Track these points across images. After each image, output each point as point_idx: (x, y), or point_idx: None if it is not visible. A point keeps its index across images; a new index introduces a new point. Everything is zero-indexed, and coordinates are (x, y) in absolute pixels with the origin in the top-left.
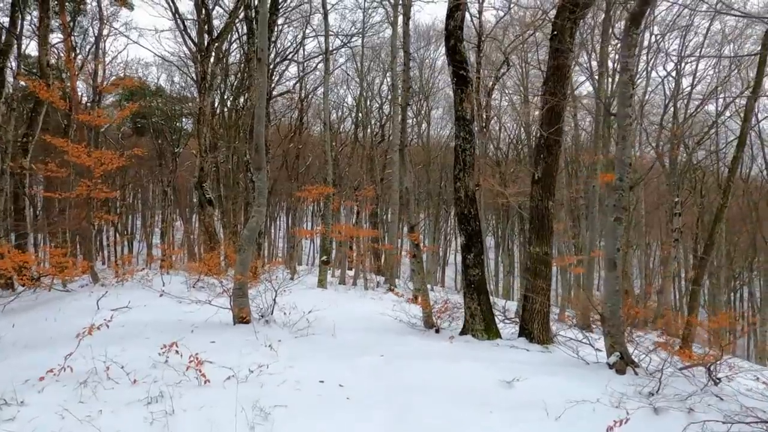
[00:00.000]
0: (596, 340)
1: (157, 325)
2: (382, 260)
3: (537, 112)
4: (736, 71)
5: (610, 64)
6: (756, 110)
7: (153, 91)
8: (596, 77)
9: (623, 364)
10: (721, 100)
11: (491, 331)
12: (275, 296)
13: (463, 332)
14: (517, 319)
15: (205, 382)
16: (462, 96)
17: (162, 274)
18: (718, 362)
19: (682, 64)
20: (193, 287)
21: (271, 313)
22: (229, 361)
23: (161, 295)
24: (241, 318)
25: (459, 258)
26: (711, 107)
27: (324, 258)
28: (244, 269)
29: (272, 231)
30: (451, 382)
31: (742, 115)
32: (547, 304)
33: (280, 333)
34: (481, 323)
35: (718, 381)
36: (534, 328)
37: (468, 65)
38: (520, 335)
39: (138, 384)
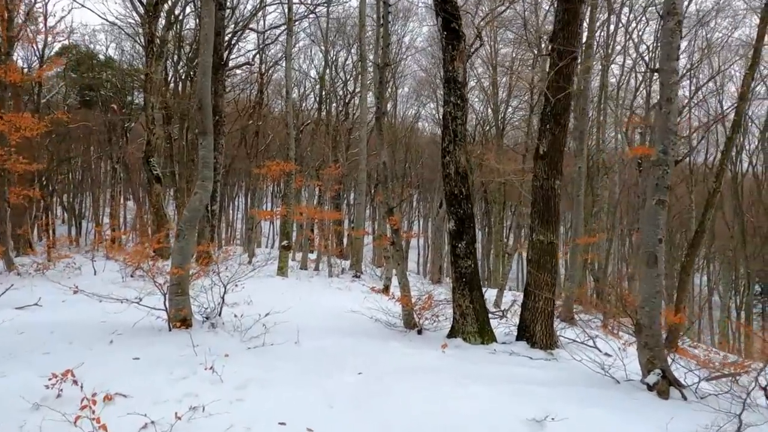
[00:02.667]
0: (592, 338)
1: (68, 332)
2: (345, 244)
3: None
4: (706, 57)
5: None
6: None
7: (102, 62)
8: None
9: (666, 384)
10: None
11: (485, 334)
12: (224, 293)
13: (451, 334)
14: (500, 313)
15: None
16: (453, 54)
17: (105, 259)
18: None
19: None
20: (131, 276)
21: (219, 315)
22: (152, 394)
23: (75, 293)
24: (180, 322)
25: (421, 242)
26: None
27: (285, 243)
28: (183, 260)
29: (230, 212)
30: (462, 420)
31: (715, 99)
32: (552, 302)
33: (228, 343)
34: (473, 324)
35: None
36: (536, 331)
37: (460, 18)
38: (519, 338)
39: None
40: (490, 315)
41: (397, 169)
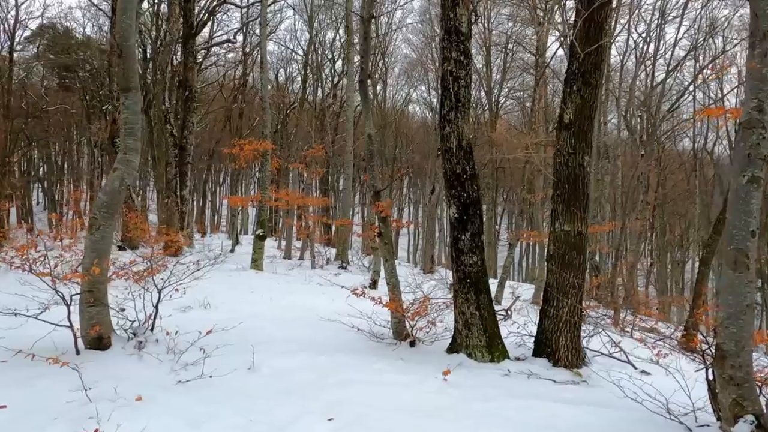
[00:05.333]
0: (621, 348)
1: None
2: (333, 231)
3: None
4: (709, 36)
5: None
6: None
7: (80, 41)
8: None
9: None
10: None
11: (495, 349)
12: (158, 300)
13: (452, 348)
14: (503, 312)
15: None
16: None
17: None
18: None
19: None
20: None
21: (151, 329)
22: None
23: None
24: (95, 340)
25: (411, 228)
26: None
27: (259, 232)
28: (98, 257)
29: (217, 198)
30: None
31: (715, 82)
32: (579, 310)
33: (152, 373)
34: (480, 336)
35: None
36: (559, 345)
37: None
38: (536, 353)
39: None
40: None
41: (387, 154)
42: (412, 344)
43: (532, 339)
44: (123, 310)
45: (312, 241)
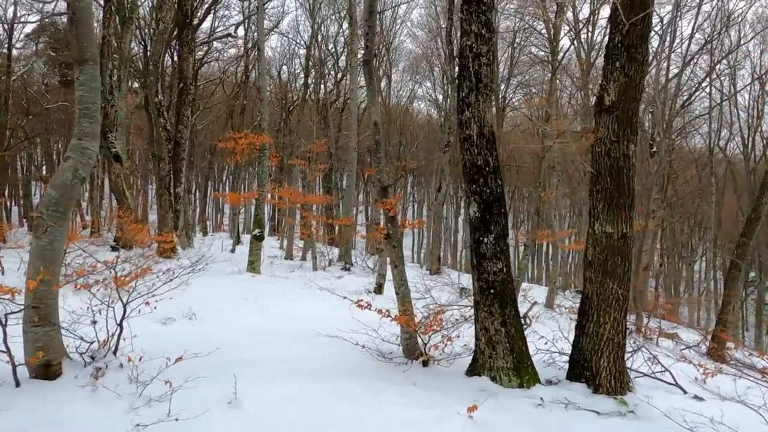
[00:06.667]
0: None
1: None
2: (336, 230)
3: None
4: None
5: None
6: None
7: None
8: None
9: None
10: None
11: (524, 371)
12: (123, 316)
13: (473, 370)
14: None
15: None
16: None
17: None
18: None
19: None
20: None
21: (114, 352)
22: None
23: None
24: (41, 368)
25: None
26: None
27: (256, 232)
28: (46, 266)
29: (221, 198)
30: None
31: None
32: (624, 326)
33: (105, 412)
34: (506, 357)
35: None
36: (601, 368)
37: None
38: (572, 376)
39: None
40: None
41: (392, 152)
42: (425, 364)
43: (563, 357)
44: (95, 322)
45: (314, 241)
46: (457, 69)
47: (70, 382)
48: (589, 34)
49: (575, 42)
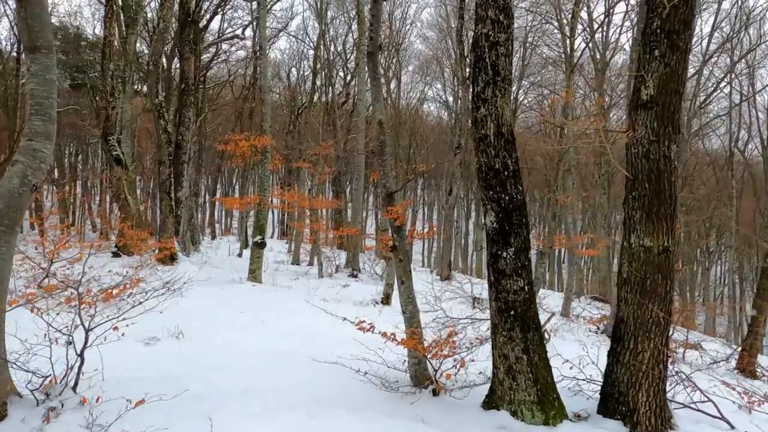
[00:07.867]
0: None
1: None
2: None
3: None
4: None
5: None
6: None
7: (91, 42)
8: None
9: None
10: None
11: (549, 406)
12: (84, 345)
13: (489, 403)
14: None
15: None
16: None
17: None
18: None
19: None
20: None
21: (73, 387)
22: None
23: None
24: None
25: (425, 227)
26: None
27: (257, 239)
28: None
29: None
30: None
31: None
32: (665, 355)
33: None
34: (529, 389)
35: None
36: (639, 402)
37: None
38: (604, 411)
39: None
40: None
41: (401, 154)
42: (436, 393)
43: (591, 384)
44: (71, 343)
45: (320, 247)
46: (468, 69)
47: (15, 426)
48: (604, 33)
49: (590, 44)
